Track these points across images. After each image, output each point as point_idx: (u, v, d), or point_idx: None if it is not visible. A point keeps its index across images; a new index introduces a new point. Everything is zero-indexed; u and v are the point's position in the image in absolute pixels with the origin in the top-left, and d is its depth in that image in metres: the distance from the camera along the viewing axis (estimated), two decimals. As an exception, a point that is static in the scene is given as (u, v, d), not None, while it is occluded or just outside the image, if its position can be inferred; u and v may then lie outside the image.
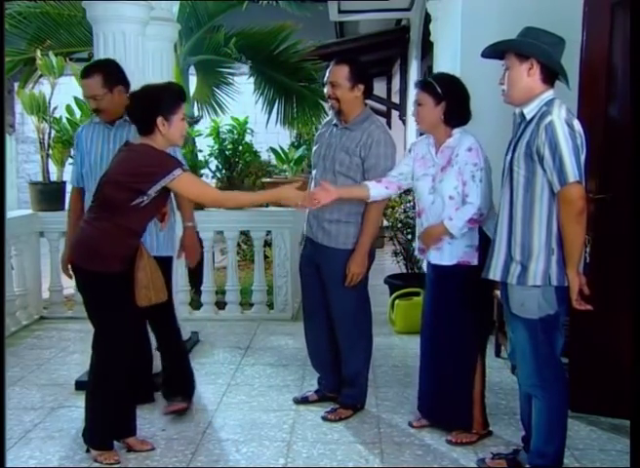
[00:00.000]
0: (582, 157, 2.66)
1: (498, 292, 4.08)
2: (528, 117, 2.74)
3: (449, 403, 3.34)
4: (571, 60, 3.59)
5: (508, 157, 2.81)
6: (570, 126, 2.61)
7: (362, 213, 3.47)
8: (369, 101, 3.66)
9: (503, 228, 2.81)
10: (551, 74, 2.75)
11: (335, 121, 3.54)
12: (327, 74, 3.47)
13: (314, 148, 3.64)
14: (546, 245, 2.70)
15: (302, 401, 3.81)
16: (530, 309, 2.75)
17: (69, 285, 5.76)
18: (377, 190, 3.34)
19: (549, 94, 2.75)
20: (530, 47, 2.72)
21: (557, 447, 2.87)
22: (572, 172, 2.58)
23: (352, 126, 3.46)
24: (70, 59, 6.05)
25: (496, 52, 2.87)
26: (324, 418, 3.60)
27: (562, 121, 2.61)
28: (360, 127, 3.45)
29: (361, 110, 3.49)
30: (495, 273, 2.84)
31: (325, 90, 3.50)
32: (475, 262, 3.15)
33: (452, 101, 3.19)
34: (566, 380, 2.91)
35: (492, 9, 4.91)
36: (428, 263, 3.41)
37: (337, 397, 3.74)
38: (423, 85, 3.26)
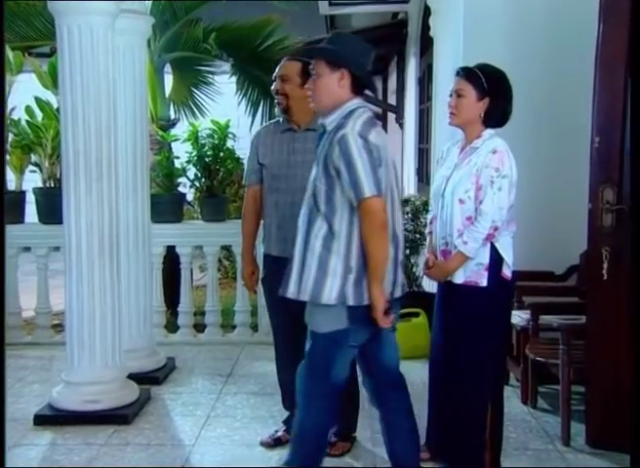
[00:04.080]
0: (381, 170, 2.76)
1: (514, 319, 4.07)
2: (328, 128, 2.85)
3: (457, 442, 3.25)
4: (583, 54, 3.61)
5: (313, 170, 2.89)
6: (364, 138, 2.72)
7: None
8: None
9: (301, 242, 2.87)
10: (361, 84, 2.90)
11: (284, 127, 3.57)
12: (277, 70, 3.56)
13: (265, 159, 3.57)
14: (344, 262, 2.78)
15: (276, 443, 3.70)
16: (317, 323, 2.87)
17: (29, 307, 5.74)
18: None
19: (353, 103, 2.86)
20: (344, 58, 2.84)
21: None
22: (367, 186, 2.69)
23: (314, 127, 3.40)
24: (30, 54, 6.01)
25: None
26: (327, 454, 3.54)
27: (355, 134, 2.72)
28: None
29: (315, 113, 3.47)
30: (287, 290, 2.88)
31: (273, 85, 3.56)
32: (484, 283, 3.07)
33: (495, 100, 3.13)
34: (331, 408, 2.97)
35: (496, 1, 4.92)
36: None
37: None
38: (468, 74, 3.17)
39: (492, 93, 3.12)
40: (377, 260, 2.74)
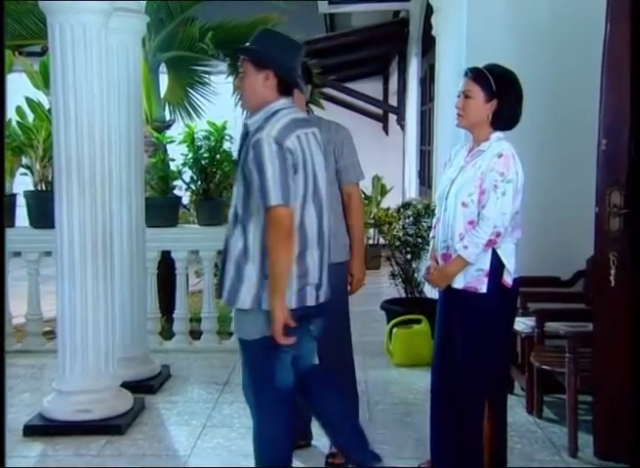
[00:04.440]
0: (298, 175, 2.80)
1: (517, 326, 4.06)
2: (251, 129, 2.87)
3: (454, 452, 3.22)
4: (590, 53, 3.61)
5: (237, 174, 2.94)
6: (279, 144, 2.75)
7: (343, 219, 3.61)
8: (365, 105, 3.68)
9: (225, 247, 2.93)
10: (288, 85, 2.95)
11: None
12: None
13: None
14: (259, 269, 2.83)
15: None
16: (242, 330, 2.94)
17: (19, 313, 5.72)
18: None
19: (278, 104, 2.90)
20: (268, 59, 2.89)
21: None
22: (274, 194, 2.72)
23: None
24: (20, 53, 6.00)
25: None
26: (330, 464, 3.58)
27: (270, 139, 2.75)
28: (319, 127, 3.51)
29: (309, 114, 3.59)
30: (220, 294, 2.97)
31: None
32: (484, 289, 3.05)
33: (504, 101, 3.11)
34: (283, 413, 2.98)
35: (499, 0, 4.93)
36: None
37: (306, 445, 3.76)
38: (476, 75, 3.14)
39: (500, 94, 3.09)
40: (278, 271, 2.76)
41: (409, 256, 5.71)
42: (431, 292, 5.43)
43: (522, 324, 4.22)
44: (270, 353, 2.86)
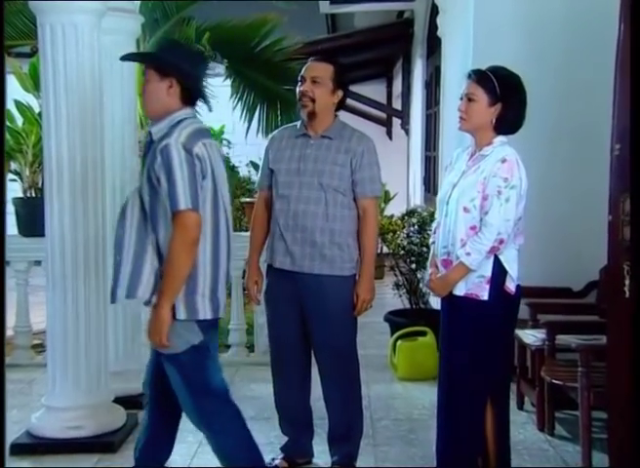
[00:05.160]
0: (206, 182, 2.87)
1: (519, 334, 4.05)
2: (155, 138, 2.94)
3: (456, 455, 3.24)
4: (602, 54, 3.60)
5: (142, 182, 2.97)
6: (187, 150, 2.82)
7: (354, 232, 3.55)
8: (368, 108, 3.67)
9: (130, 251, 2.96)
10: (192, 94, 3.03)
11: (300, 132, 3.58)
12: (305, 70, 3.53)
13: (275, 165, 3.58)
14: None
15: None
16: (174, 345, 2.92)
17: (7, 325, 5.70)
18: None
19: (183, 113, 2.97)
20: (171, 67, 2.96)
21: None
22: (183, 198, 2.78)
23: (330, 134, 3.52)
24: (9, 55, 6.00)
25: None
26: None
27: (178, 145, 2.82)
28: (341, 134, 3.53)
29: (334, 120, 3.58)
30: (115, 297, 2.99)
31: (300, 87, 3.51)
32: (485, 297, 3.08)
33: (508, 105, 3.12)
34: (232, 415, 3.04)
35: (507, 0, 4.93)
36: None
37: (306, 462, 3.73)
38: (479, 78, 3.15)
39: (504, 98, 3.10)
40: (177, 275, 2.81)
41: (413, 266, 5.70)
42: (437, 303, 5.41)
43: (532, 336, 4.20)
44: (202, 357, 2.95)
